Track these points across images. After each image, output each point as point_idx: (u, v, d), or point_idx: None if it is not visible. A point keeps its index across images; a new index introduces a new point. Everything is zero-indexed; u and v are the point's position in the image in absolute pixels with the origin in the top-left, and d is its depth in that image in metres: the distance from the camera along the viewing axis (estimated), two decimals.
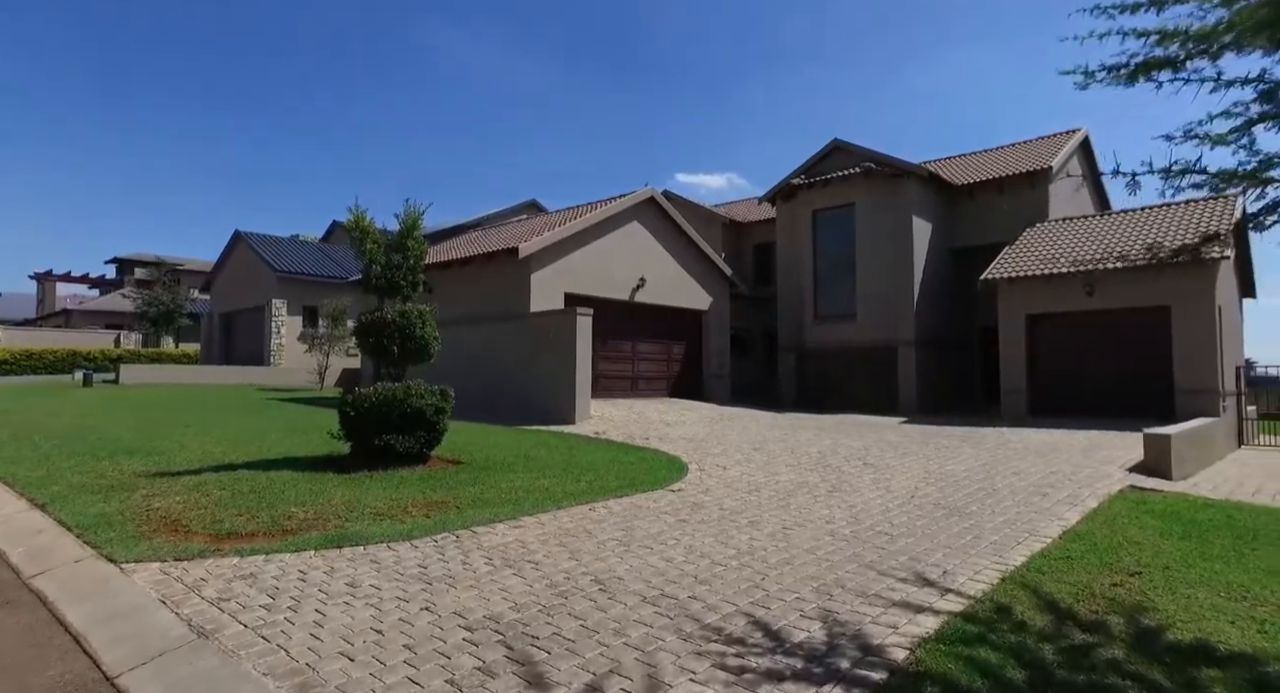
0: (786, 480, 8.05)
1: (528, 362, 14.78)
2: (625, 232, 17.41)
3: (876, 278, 18.86)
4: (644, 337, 18.12)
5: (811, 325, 20.11)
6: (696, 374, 19.57)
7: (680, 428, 13.21)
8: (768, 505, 6.75)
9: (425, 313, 8.44)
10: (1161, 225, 15.87)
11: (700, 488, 7.61)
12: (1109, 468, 8.87)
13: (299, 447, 9.50)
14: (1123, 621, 3.79)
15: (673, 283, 18.65)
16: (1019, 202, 19.02)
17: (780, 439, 11.83)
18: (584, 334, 13.93)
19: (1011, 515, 6.25)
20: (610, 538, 5.54)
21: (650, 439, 11.49)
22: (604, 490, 7.26)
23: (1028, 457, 9.76)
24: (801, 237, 20.47)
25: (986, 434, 12.56)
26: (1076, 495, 7.10)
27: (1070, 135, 20.69)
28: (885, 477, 8.24)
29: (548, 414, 13.96)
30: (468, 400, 15.78)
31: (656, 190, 17.94)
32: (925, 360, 18.50)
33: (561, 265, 15.82)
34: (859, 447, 10.89)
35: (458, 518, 5.99)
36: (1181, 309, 14.12)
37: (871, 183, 18.98)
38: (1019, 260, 16.62)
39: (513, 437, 11.34)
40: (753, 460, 9.52)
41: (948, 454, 10.04)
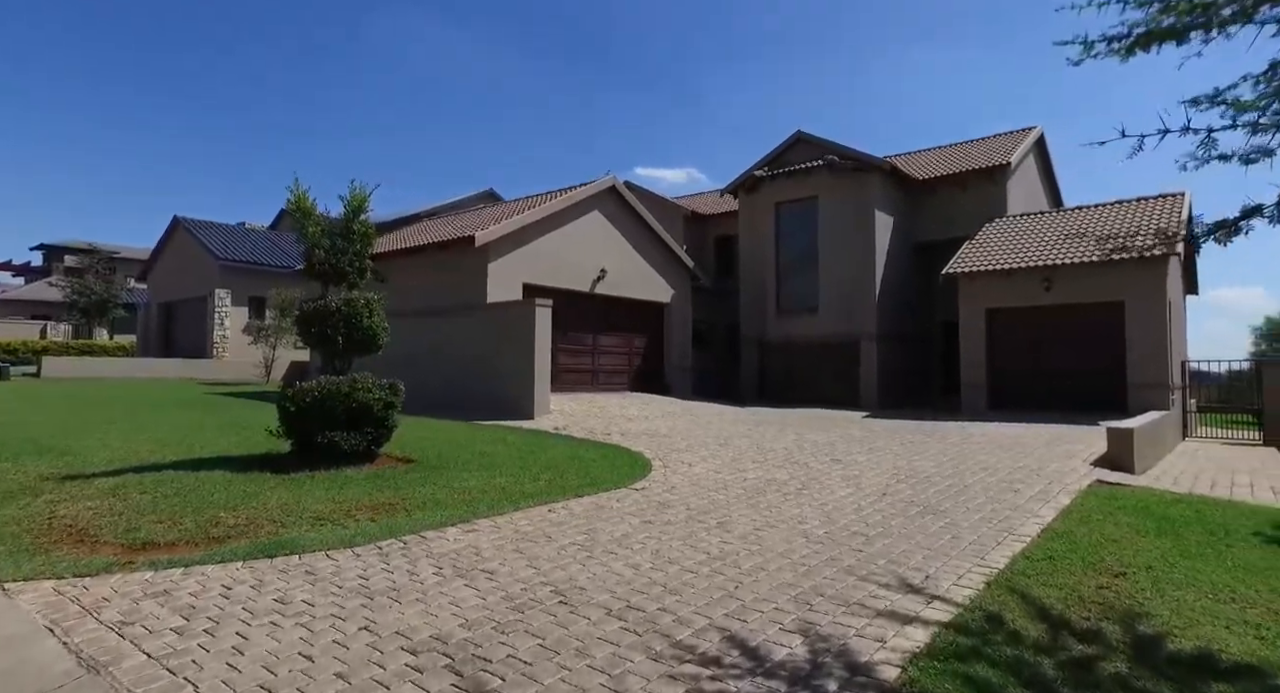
0: (755, 478, 7.78)
1: (485, 355, 14.26)
2: (586, 221, 16.96)
3: (839, 272, 18.80)
4: (605, 329, 17.72)
5: (774, 319, 19.98)
6: (658, 368, 19.26)
7: (643, 423, 12.87)
8: (737, 505, 6.45)
9: (373, 301, 7.91)
10: (1116, 221, 16.12)
11: (665, 486, 7.27)
12: (1073, 462, 8.84)
13: (236, 445, 8.86)
14: (1119, 628, 3.58)
15: (634, 275, 18.28)
16: (979, 197, 19.17)
17: (745, 434, 11.59)
18: (543, 326, 13.47)
19: (987, 513, 6.08)
20: (571, 542, 5.16)
21: (612, 434, 11.12)
22: (564, 490, 6.87)
23: (993, 451, 9.70)
24: (764, 229, 20.30)
25: (949, 429, 12.54)
26: (1047, 491, 6.99)
27: (1027, 133, 20.95)
28: (855, 473, 8.04)
29: (506, 409, 13.47)
30: (423, 395, 15.18)
31: (618, 179, 17.53)
32: (887, 354, 18.54)
33: (520, 255, 15.30)
34: (825, 442, 10.71)
35: (406, 522, 5.53)
36: (1134, 305, 14.35)
37: (835, 176, 18.90)
38: (979, 255, 16.72)
39: (469, 433, 10.84)
40: (719, 457, 9.23)
41: (915, 449, 9.93)
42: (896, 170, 18.99)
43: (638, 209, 18.28)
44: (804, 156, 19.69)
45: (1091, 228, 16.23)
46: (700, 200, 27.56)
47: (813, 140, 19.77)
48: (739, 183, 20.86)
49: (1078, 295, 14.96)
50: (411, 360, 15.62)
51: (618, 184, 17.59)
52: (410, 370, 15.77)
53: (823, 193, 19.05)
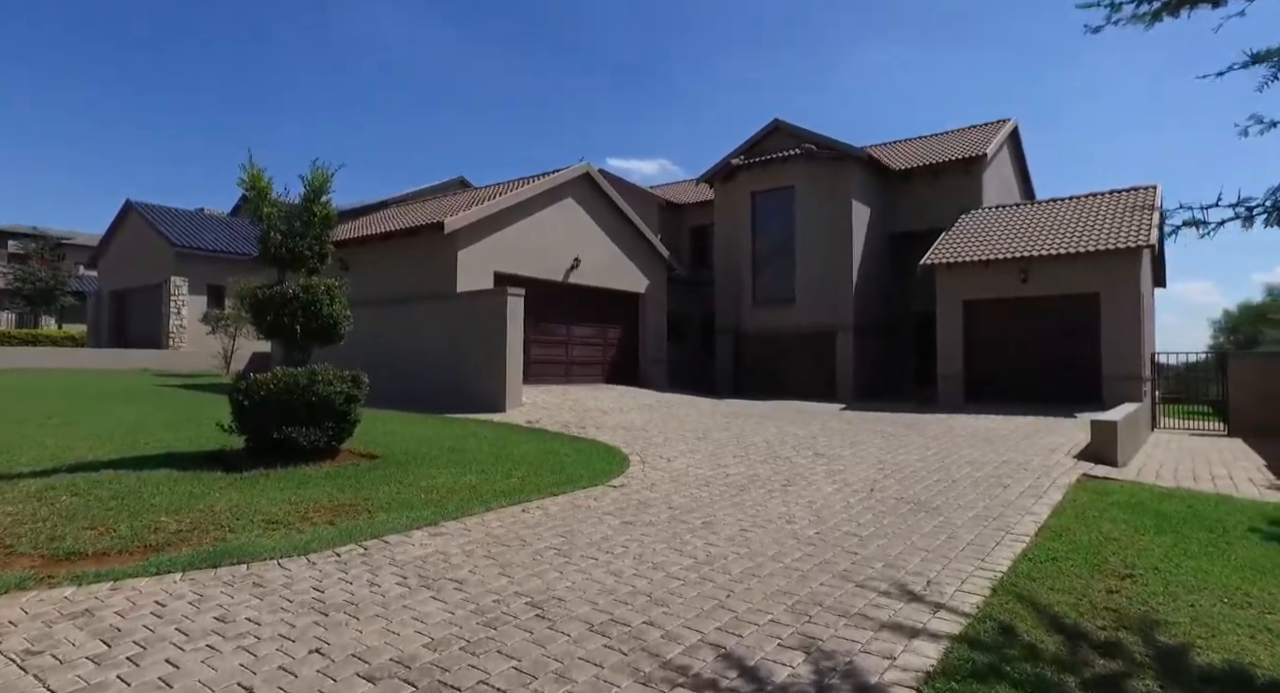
0: (737, 474, 7.49)
1: (455, 346, 13.76)
2: (559, 209, 16.51)
3: (816, 262, 18.62)
4: (579, 320, 17.32)
5: (749, 310, 19.76)
6: (633, 359, 18.92)
7: (618, 416, 12.53)
8: (720, 503, 6.14)
9: (334, 287, 7.42)
10: (1091, 213, 16.17)
11: (645, 483, 6.94)
12: (1057, 456, 8.72)
13: (186, 441, 8.30)
14: (1139, 639, 3.33)
15: (609, 264, 17.88)
16: (954, 188, 19.13)
17: (724, 427, 11.32)
18: (515, 316, 13.03)
19: (980, 510, 5.85)
20: (547, 546, 4.80)
21: (587, 428, 10.76)
22: (538, 488, 6.50)
23: (976, 445, 9.55)
24: (740, 219, 20.04)
25: (928, 421, 12.41)
26: (1038, 486, 6.81)
27: (1001, 125, 20.98)
28: (839, 468, 7.79)
29: (476, 402, 13.01)
30: (389, 387, 14.63)
31: (593, 166, 17.09)
32: (863, 346, 18.44)
33: (491, 243, 14.81)
34: (805, 435, 10.48)
35: (368, 525, 5.11)
36: (1110, 296, 14.39)
37: (812, 165, 18.68)
38: (956, 246, 16.65)
39: (437, 427, 10.39)
40: (698, 451, 8.93)
41: (896, 443, 9.74)
42: (874, 160, 18.85)
43: (612, 197, 17.87)
44: (781, 146, 19.44)
45: (1067, 219, 16.26)
46: (675, 189, 27.22)
47: (790, 129, 19.53)
48: (715, 172, 20.55)
49: (1054, 287, 14.96)
50: (378, 351, 15.07)
51: (592, 171, 17.15)
52: (377, 362, 15.22)
53: (800, 182, 18.83)
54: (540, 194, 15.89)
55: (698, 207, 24.25)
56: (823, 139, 18.72)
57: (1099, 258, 14.35)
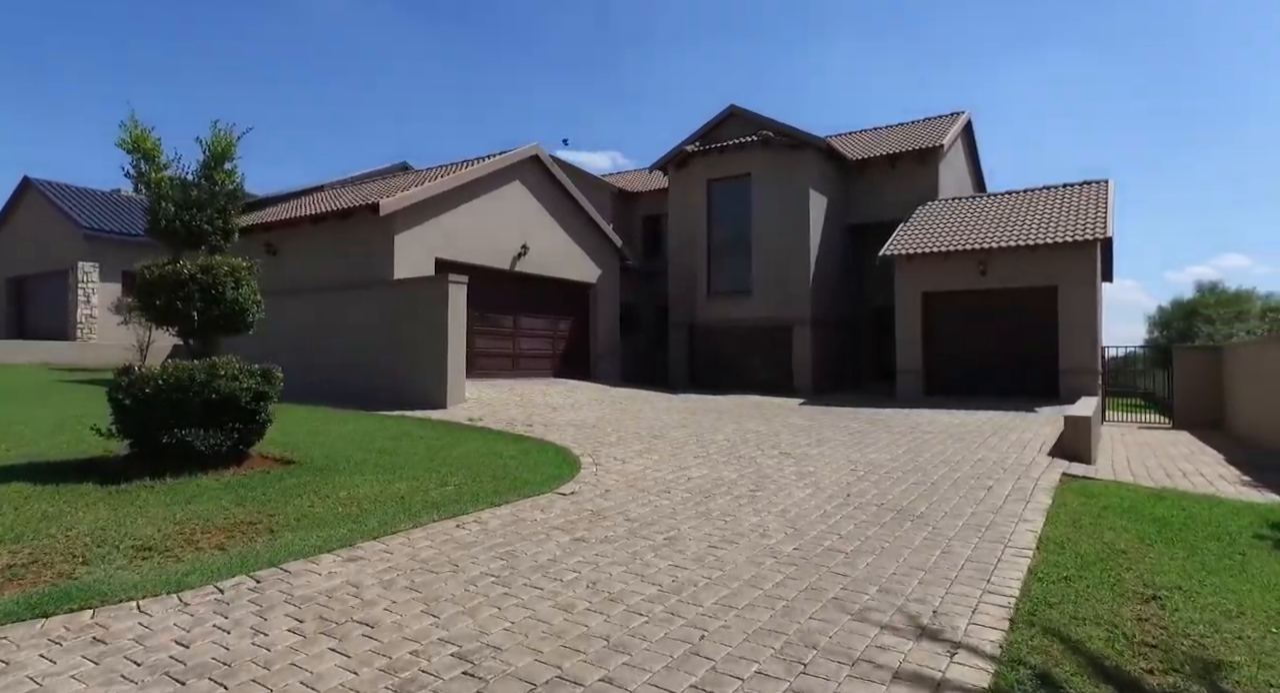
0: (700, 477, 6.82)
1: (392, 337, 12.73)
2: (506, 192, 15.56)
3: (773, 253, 18.14)
4: (527, 310, 16.43)
5: (704, 302, 19.17)
6: (584, 353, 18.13)
7: (568, 412, 11.75)
8: (684, 513, 5.46)
9: (241, 269, 6.43)
10: (1047, 206, 16.09)
11: (598, 489, 6.20)
12: (1030, 453, 8.34)
13: (63, 446, 7.18)
14: (1205, 690, 2.77)
15: (559, 252, 17.03)
16: (910, 180, 18.90)
17: (681, 424, 10.66)
18: (457, 305, 12.09)
19: (969, 518, 5.32)
20: (484, 573, 4.03)
21: (534, 426, 9.96)
22: (477, 497, 5.69)
23: (946, 442, 9.12)
24: (695, 208, 19.41)
25: (891, 416, 12.02)
26: (1021, 488, 6.34)
27: (956, 117, 20.88)
28: (810, 470, 7.20)
29: (415, 398, 12.04)
30: (321, 382, 13.51)
31: (542, 148, 16.19)
32: (820, 340, 18.07)
33: (432, 227, 13.79)
34: (768, 432, 9.90)
35: (267, 549, 4.24)
36: (1068, 289, 14.28)
37: (769, 152, 18.17)
38: (914, 237, 16.38)
39: (369, 425, 9.43)
40: (655, 451, 8.24)
41: (864, 440, 9.24)
42: (832, 149, 18.45)
43: (562, 181, 17.01)
44: (737, 132, 18.87)
45: (1023, 212, 16.15)
46: (628, 178, 26.46)
47: (747, 115, 18.98)
48: (669, 158, 19.86)
49: (1013, 280, 14.80)
50: (309, 343, 13.94)
51: (541, 153, 16.25)
52: (308, 354, 14.05)
53: (757, 170, 18.30)
54: (486, 176, 14.93)
55: (651, 195, 23.55)
56: (780, 126, 18.23)
57: (1056, 250, 14.22)
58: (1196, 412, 16.24)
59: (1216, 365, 16.22)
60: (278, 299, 14.76)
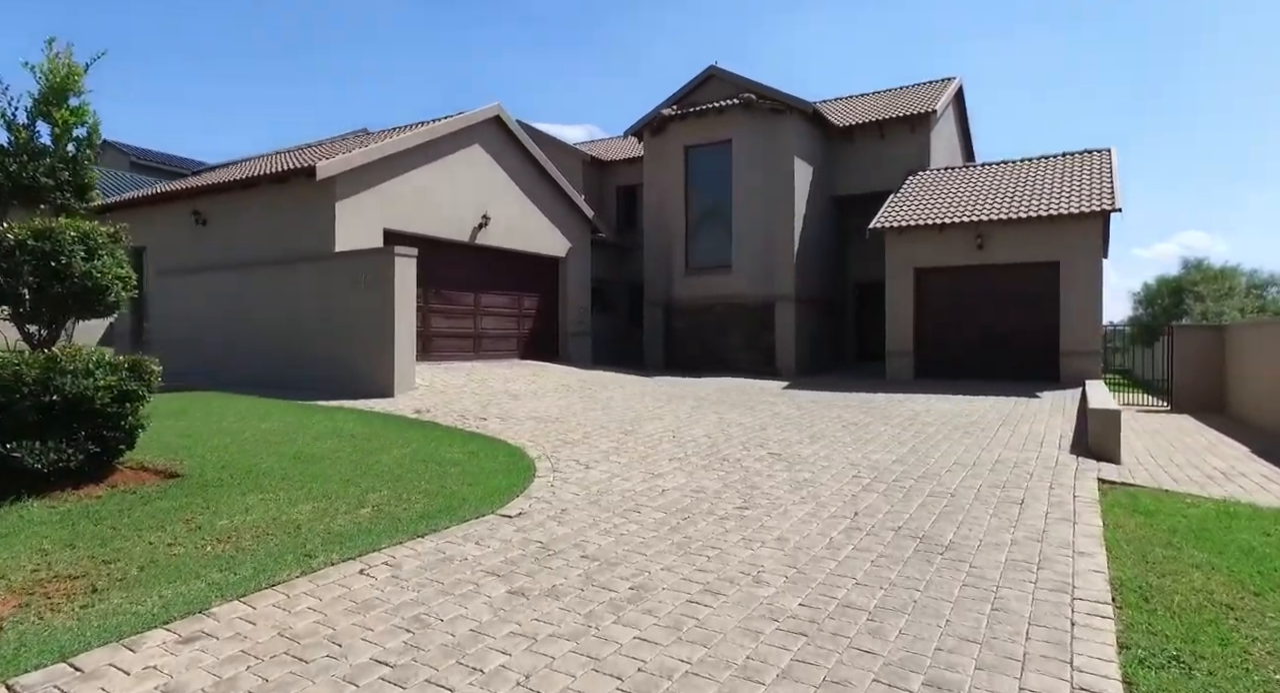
0: (676, 488, 5.69)
1: (333, 317, 11.39)
2: (465, 157, 14.15)
3: (755, 225, 16.96)
4: (489, 287, 15.12)
5: (682, 278, 17.97)
6: (552, 332, 16.90)
7: (531, 401, 10.56)
8: (657, 544, 4.33)
9: (99, 234, 5.10)
10: (1047, 176, 15.08)
11: (553, 509, 5.05)
12: (1049, 450, 7.35)
13: None
14: None
15: (524, 223, 15.69)
16: (900, 148, 17.79)
17: (655, 415, 9.53)
18: (406, 280, 10.78)
19: (1009, 548, 4.26)
20: (374, 658, 2.86)
21: (489, 419, 8.76)
22: (397, 524, 4.51)
23: (953, 436, 8.10)
24: (672, 176, 18.11)
25: (885, 404, 11.00)
26: (1059, 502, 5.31)
27: (947, 83, 19.73)
28: (805, 477, 6.11)
29: (359, 385, 10.77)
30: (254, 368, 12.15)
31: (503, 108, 14.74)
32: (804, 318, 17.02)
33: (379, 195, 12.37)
34: (753, 425, 8.81)
35: (69, 626, 3.03)
36: (1070, 265, 13.34)
37: (751, 116, 16.89)
38: (906, 209, 15.30)
39: (297, 421, 8.16)
40: (625, 451, 7.10)
41: (862, 435, 8.18)
42: (818, 114, 17.22)
43: (528, 145, 15.60)
44: (718, 95, 17.55)
45: (1022, 183, 15.14)
46: (601, 146, 25.02)
47: (727, 77, 17.64)
48: (645, 123, 18.49)
49: (1011, 255, 13.81)
50: (243, 324, 12.55)
51: (503, 114, 14.81)
52: (241, 336, 12.64)
53: (738, 136, 17.03)
54: (440, 138, 13.48)
55: (626, 164, 22.18)
56: (763, 88, 16.93)
57: (1059, 223, 13.25)
58: (1197, 394, 15.48)
59: (1218, 346, 15.46)
60: (208, 275, 13.36)
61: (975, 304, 14.38)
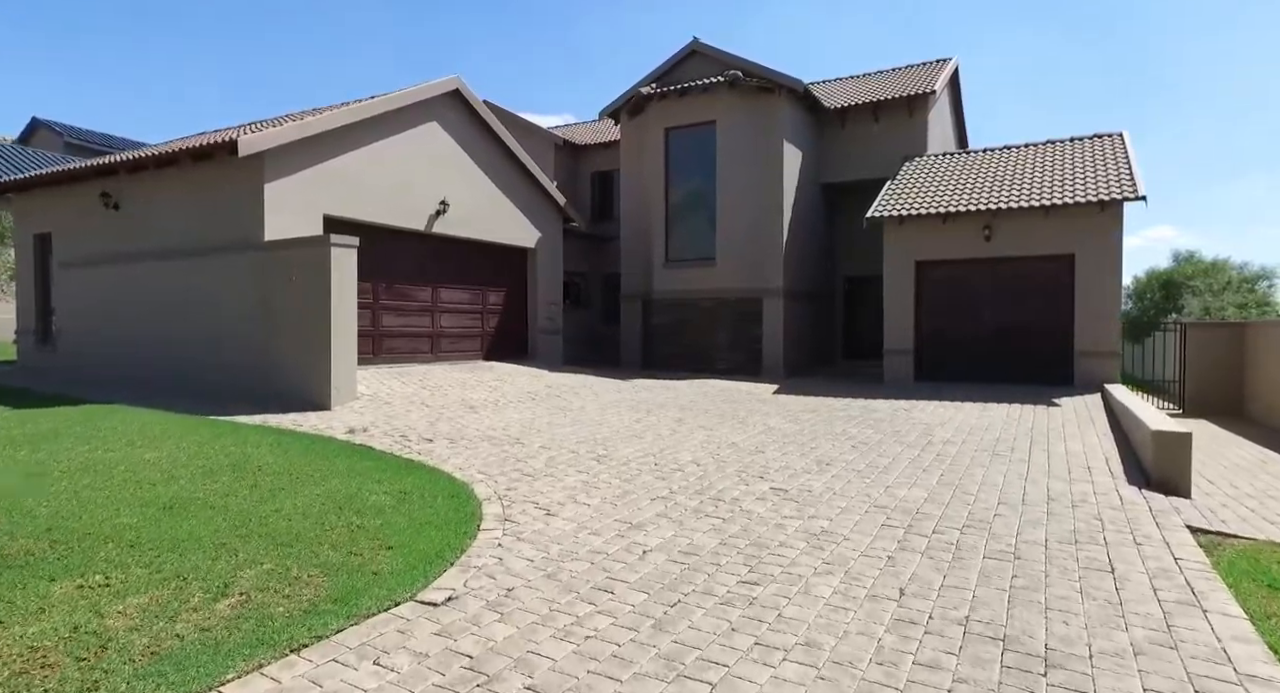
0: (661, 547, 4.38)
1: (262, 316, 9.90)
2: (420, 136, 12.65)
3: (741, 214, 15.67)
4: (449, 281, 13.67)
5: (662, 271, 16.64)
6: (521, 330, 15.49)
7: (490, 414, 9.19)
8: (635, 655, 3.01)
9: None
10: (1057, 162, 13.97)
11: (496, 589, 3.71)
12: (1102, 480, 6.17)
13: None
14: None
15: (488, 211, 14.24)
16: (896, 132, 16.59)
17: (633, 432, 8.22)
18: (345, 274, 9.33)
19: (1139, 663, 3.01)
20: None
21: (437, 441, 7.38)
22: (266, 628, 3.14)
23: (981, 459, 6.89)
24: (651, 161, 16.73)
25: (890, 413, 9.80)
26: (1163, 569, 4.08)
27: (943, 64, 18.56)
28: (821, 525, 4.83)
29: (291, 395, 9.33)
30: (173, 374, 10.64)
31: (463, 81, 13.24)
32: (793, 315, 15.80)
33: (318, 175, 10.86)
34: (748, 446, 7.53)
35: None
36: (1086, 258, 12.23)
37: (737, 96, 15.57)
38: (905, 197, 14.10)
39: (191, 447, 6.70)
40: (597, 486, 5.77)
41: (877, 457, 6.93)
42: (809, 94, 15.94)
43: (492, 125, 14.12)
44: (701, 73, 16.19)
45: (1031, 169, 14.01)
46: (576, 130, 23.54)
47: (711, 53, 16.28)
48: (621, 103, 17.07)
49: (1022, 246, 12.68)
50: (161, 324, 11.02)
51: (463, 88, 13.32)
52: (159, 338, 11.09)
53: (723, 117, 15.69)
54: (390, 113, 11.97)
55: (602, 149, 20.75)
56: (750, 65, 15.61)
57: (1076, 212, 12.14)
58: (1211, 396, 14.54)
59: (1236, 344, 14.52)
60: (121, 267, 11.71)
61: (981, 300, 13.25)
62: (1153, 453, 6.08)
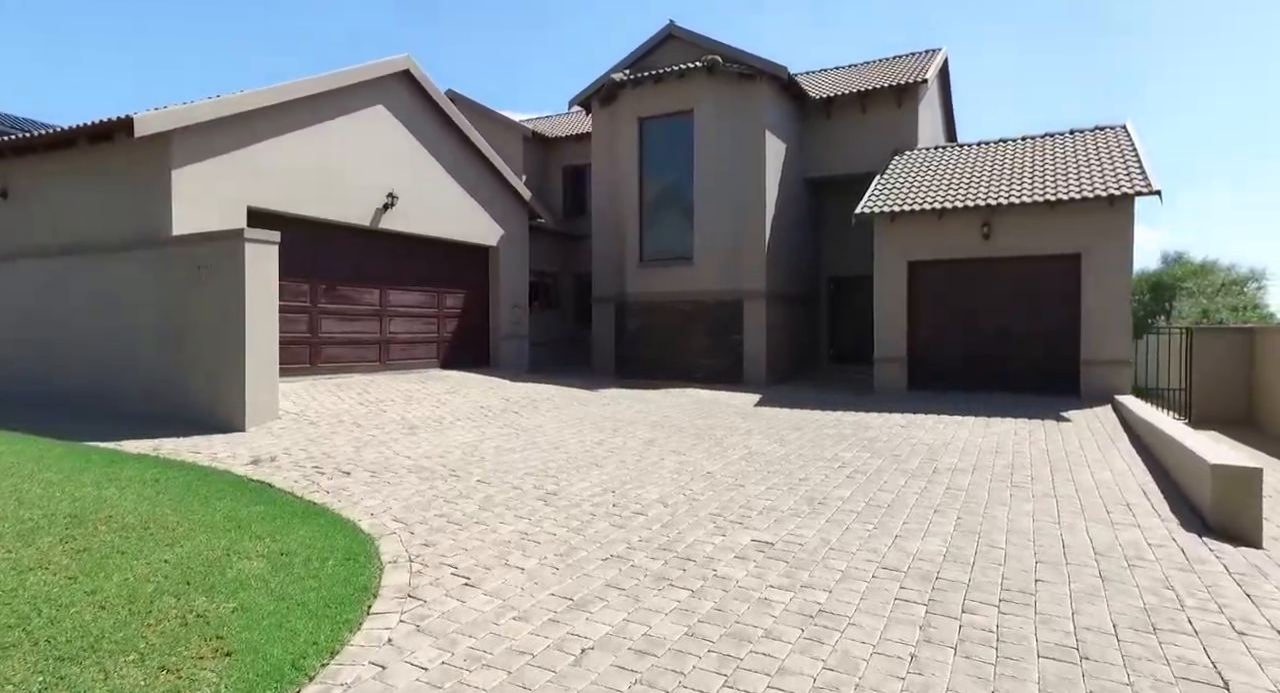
0: (605, 642, 3.22)
1: (169, 322, 8.61)
2: (363, 120, 11.40)
3: (720, 210, 14.57)
4: (400, 282, 12.43)
5: (636, 272, 15.49)
6: (482, 335, 14.28)
7: (431, 435, 7.98)
8: None
9: None
10: (1059, 155, 13.03)
11: None
12: (1154, 525, 5.12)
13: None
14: None
15: (445, 205, 13.02)
16: (885, 124, 15.60)
17: (593, 458, 7.06)
18: (263, 273, 8.08)
19: None
20: None
21: (355, 473, 6.17)
22: None
23: (998, 493, 5.82)
24: (624, 153, 15.58)
25: (885, 430, 8.72)
26: None
27: (933, 54, 17.61)
28: (818, 601, 3.70)
29: (197, 415, 8.07)
30: (65, 386, 9.32)
31: (415, 61, 12.00)
32: (776, 318, 14.73)
33: (241, 163, 9.57)
34: (726, 477, 6.39)
35: None
36: (1094, 258, 11.27)
37: (717, 83, 14.47)
38: (896, 193, 13.09)
39: (36, 490, 5.44)
40: (537, 541, 4.60)
41: (875, 492, 5.82)
42: (793, 82, 14.89)
43: (448, 111, 12.91)
44: (678, 58, 15.08)
45: (1031, 163, 13.06)
46: (547, 123, 22.32)
47: (689, 38, 15.17)
48: (593, 91, 15.90)
49: (1024, 246, 11.71)
50: (53, 329, 9.66)
51: (415, 69, 12.08)
52: (50, 344, 9.73)
53: (702, 106, 14.58)
54: (330, 94, 10.71)
55: (574, 141, 19.57)
56: (731, 50, 14.53)
57: (1083, 208, 11.19)
58: (1219, 405, 13.69)
59: (1246, 351, 13.68)
60: (6, 265, 10.23)
61: (979, 304, 12.26)
62: (1212, 493, 5.04)
